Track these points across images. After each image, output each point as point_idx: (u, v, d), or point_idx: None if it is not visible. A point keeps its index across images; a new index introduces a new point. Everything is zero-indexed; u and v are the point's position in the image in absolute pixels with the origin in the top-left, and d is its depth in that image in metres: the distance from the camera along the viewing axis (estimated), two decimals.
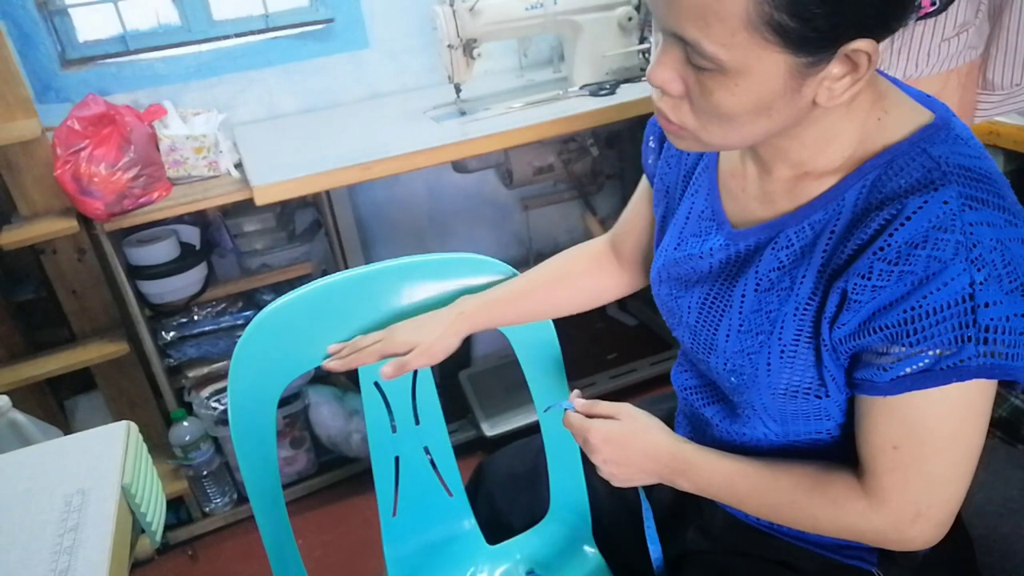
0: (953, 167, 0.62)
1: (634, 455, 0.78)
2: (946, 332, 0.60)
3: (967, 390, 0.62)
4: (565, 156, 2.15)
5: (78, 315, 1.75)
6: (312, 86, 2.03)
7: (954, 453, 0.65)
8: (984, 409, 0.65)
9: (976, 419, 0.65)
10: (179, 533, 1.87)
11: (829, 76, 0.60)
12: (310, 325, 0.97)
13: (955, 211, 0.60)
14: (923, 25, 1.06)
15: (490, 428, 1.98)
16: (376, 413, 1.03)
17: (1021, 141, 1.41)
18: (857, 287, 0.63)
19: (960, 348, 0.60)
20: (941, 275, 0.59)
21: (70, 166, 1.49)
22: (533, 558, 1.08)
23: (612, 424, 0.79)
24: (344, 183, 1.60)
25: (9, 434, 1.17)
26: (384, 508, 1.07)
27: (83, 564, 0.67)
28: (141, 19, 1.89)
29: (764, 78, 0.59)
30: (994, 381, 0.63)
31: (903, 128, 0.66)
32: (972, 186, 0.61)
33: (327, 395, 1.95)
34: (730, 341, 0.75)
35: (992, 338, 0.59)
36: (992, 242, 0.60)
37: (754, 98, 0.60)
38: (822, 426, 0.74)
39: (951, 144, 0.64)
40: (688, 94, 0.63)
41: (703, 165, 0.81)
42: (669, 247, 0.84)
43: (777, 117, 0.62)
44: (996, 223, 0.60)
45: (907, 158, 0.64)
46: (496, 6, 1.71)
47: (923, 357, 0.61)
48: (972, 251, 0.59)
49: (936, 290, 0.59)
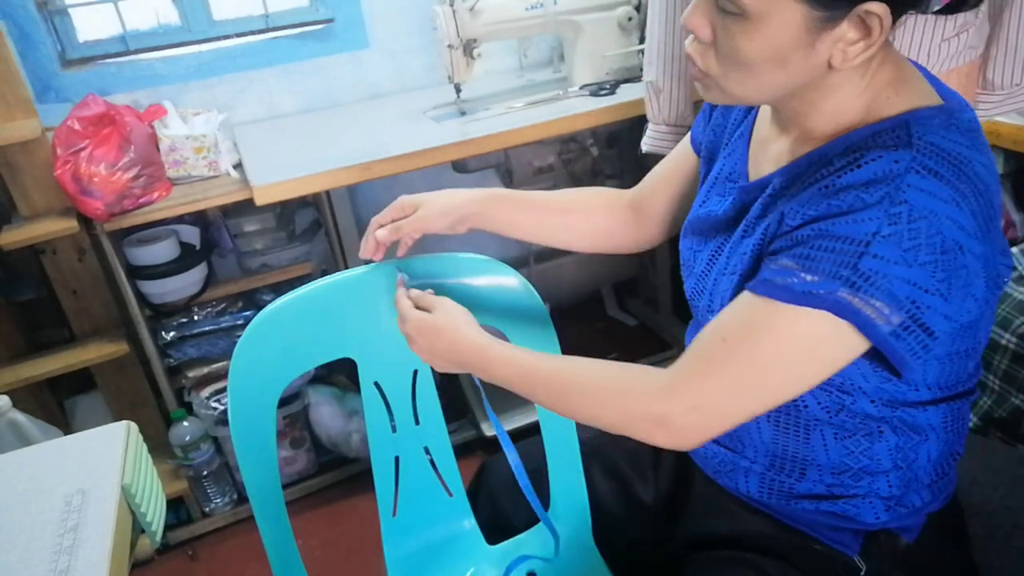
0: (925, 142, 0.63)
1: (441, 346, 0.83)
2: (828, 262, 0.62)
3: (816, 323, 0.63)
4: (565, 156, 2.14)
5: (78, 315, 1.75)
6: (312, 86, 2.03)
7: (768, 372, 0.66)
8: (822, 354, 0.65)
9: (809, 354, 0.65)
10: (179, 533, 1.87)
11: (843, 39, 0.63)
12: (310, 325, 0.97)
13: (901, 171, 0.62)
14: (923, 25, 1.06)
15: (490, 428, 1.98)
16: (376, 413, 1.03)
17: (1021, 141, 1.42)
18: (791, 212, 0.67)
19: (829, 280, 0.62)
20: (857, 214, 0.62)
21: (70, 166, 1.49)
22: (533, 558, 1.08)
23: (426, 316, 0.85)
24: (344, 183, 1.60)
25: (9, 434, 1.17)
26: (384, 508, 1.07)
27: (83, 564, 0.67)
28: (141, 19, 1.89)
29: (781, 27, 0.63)
30: (846, 331, 0.63)
31: (904, 106, 0.68)
32: (933, 159, 0.62)
33: (327, 395, 1.95)
34: (717, 283, 0.79)
35: (861, 285, 0.61)
36: (922, 209, 0.61)
37: (771, 46, 0.64)
38: None
39: (942, 128, 0.65)
40: (715, 41, 0.67)
41: (740, 132, 0.84)
42: (696, 204, 0.87)
43: (793, 71, 0.66)
44: (938, 195, 0.61)
45: (890, 129, 0.66)
46: (496, 6, 1.71)
47: (797, 274, 0.63)
48: (895, 206, 0.61)
49: (844, 224, 0.62)
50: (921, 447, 0.77)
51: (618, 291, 2.59)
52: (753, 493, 0.85)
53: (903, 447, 0.76)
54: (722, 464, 0.87)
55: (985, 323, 0.72)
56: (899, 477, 0.78)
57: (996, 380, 1.27)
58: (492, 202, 0.96)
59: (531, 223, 0.99)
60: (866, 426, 0.75)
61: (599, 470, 1.05)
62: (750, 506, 0.86)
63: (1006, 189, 1.57)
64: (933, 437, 0.77)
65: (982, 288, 0.65)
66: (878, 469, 0.77)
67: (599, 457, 1.05)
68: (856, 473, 0.78)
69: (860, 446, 0.76)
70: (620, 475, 1.03)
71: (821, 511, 0.80)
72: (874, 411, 0.74)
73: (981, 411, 1.30)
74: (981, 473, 1.02)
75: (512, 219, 0.98)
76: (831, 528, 0.81)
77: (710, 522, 0.90)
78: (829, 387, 0.73)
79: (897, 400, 0.73)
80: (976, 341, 0.73)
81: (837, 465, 0.78)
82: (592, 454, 1.05)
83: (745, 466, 0.84)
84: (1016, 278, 1.33)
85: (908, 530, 0.80)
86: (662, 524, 0.97)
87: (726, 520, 0.88)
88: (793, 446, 0.79)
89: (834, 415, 0.75)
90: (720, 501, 0.89)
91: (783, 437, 0.79)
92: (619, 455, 1.04)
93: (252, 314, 1.77)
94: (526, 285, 1.03)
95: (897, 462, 0.77)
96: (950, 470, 0.82)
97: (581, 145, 2.16)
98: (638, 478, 1.02)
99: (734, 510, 0.87)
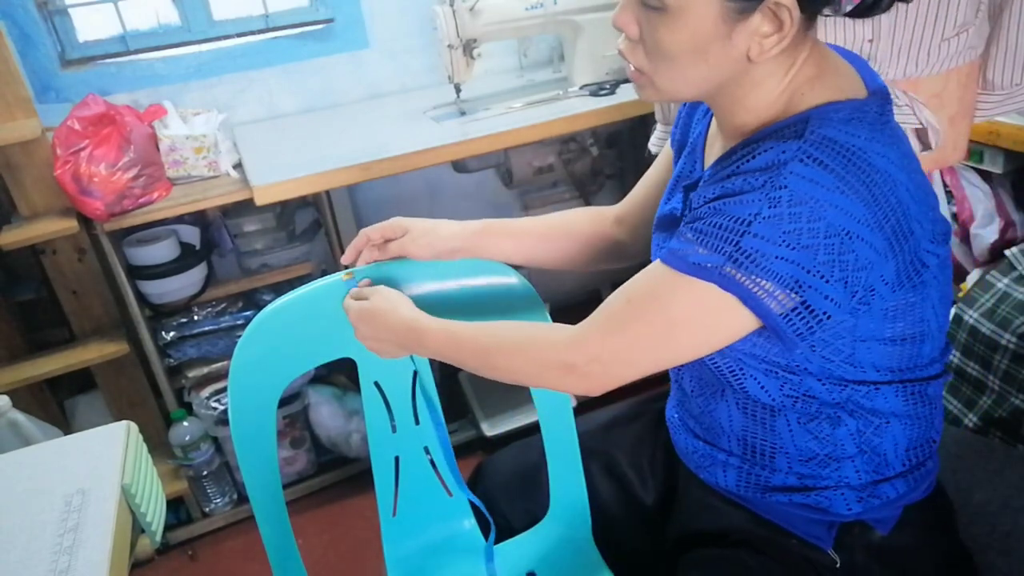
0: (817, 135, 0.67)
1: (381, 330, 0.89)
2: (715, 238, 0.68)
3: (705, 293, 0.68)
4: (565, 156, 2.14)
5: (78, 315, 1.75)
6: (312, 86, 2.03)
7: (663, 334, 0.72)
8: (710, 323, 0.70)
9: (699, 322, 0.71)
10: (179, 533, 1.86)
11: (758, 32, 0.67)
12: (310, 325, 0.97)
13: (785, 160, 0.66)
14: (923, 25, 1.06)
15: (490, 428, 1.98)
16: (376, 413, 1.03)
17: (1021, 141, 1.41)
18: (697, 198, 0.74)
19: (715, 255, 0.67)
20: (743, 196, 0.67)
21: (70, 166, 1.49)
22: (533, 558, 1.08)
23: (364, 303, 0.90)
24: (344, 183, 1.60)
25: (9, 434, 1.17)
26: (384, 508, 1.07)
27: (83, 564, 0.67)
28: (141, 19, 1.89)
29: (699, 19, 0.67)
30: (732, 303, 0.68)
31: (816, 101, 0.71)
32: (821, 149, 0.66)
33: (327, 395, 1.95)
34: None
35: (743, 262, 0.66)
36: (803, 195, 0.64)
37: (691, 38, 0.68)
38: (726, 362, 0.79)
39: (841, 123, 0.68)
40: (642, 37, 0.72)
41: (698, 132, 0.88)
42: (662, 202, 0.91)
43: (714, 63, 0.70)
44: (820, 183, 0.65)
45: (791, 124, 0.69)
46: (496, 6, 1.71)
47: (692, 246, 0.69)
48: (776, 191, 0.65)
49: (732, 204, 0.67)
50: (885, 431, 0.79)
51: None
52: (731, 487, 0.87)
53: (864, 430, 0.79)
54: (702, 459, 0.89)
55: (932, 306, 0.75)
56: (866, 463, 0.80)
57: (996, 380, 1.27)
58: (477, 237, 0.99)
59: (518, 253, 1.02)
60: (824, 411, 0.78)
61: (599, 469, 1.05)
62: (731, 501, 0.88)
63: (1006, 189, 1.57)
64: (896, 422, 0.79)
65: (892, 273, 0.69)
66: (843, 455, 0.79)
67: (600, 456, 1.05)
68: (823, 460, 0.80)
69: (823, 431, 0.79)
70: (620, 475, 1.03)
71: (795, 503, 0.82)
72: (825, 392, 0.77)
73: (981, 411, 1.30)
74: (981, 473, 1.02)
75: (499, 250, 1.01)
76: (805, 521, 0.82)
77: (698, 518, 0.91)
78: (775, 367, 0.76)
79: (845, 379, 0.76)
80: (925, 324, 0.75)
81: (804, 451, 0.80)
82: (593, 453, 1.06)
83: (722, 459, 0.87)
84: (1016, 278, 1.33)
85: (882, 522, 0.81)
86: (659, 523, 0.98)
87: (711, 516, 0.90)
88: (761, 433, 0.82)
89: (792, 401, 0.78)
90: (705, 497, 0.91)
91: (751, 424, 0.82)
92: (620, 454, 1.04)
93: (252, 314, 1.77)
94: (525, 285, 1.03)
95: (861, 446, 0.79)
96: (927, 460, 0.83)
97: (581, 145, 2.16)
98: (638, 478, 1.02)
99: (717, 506, 0.89)
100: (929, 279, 0.73)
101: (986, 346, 1.27)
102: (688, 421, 0.92)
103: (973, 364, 1.31)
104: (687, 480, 0.94)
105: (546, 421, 1.06)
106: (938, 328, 0.78)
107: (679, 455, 0.95)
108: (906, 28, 1.06)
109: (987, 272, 1.40)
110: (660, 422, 1.03)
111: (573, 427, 1.06)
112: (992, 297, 1.33)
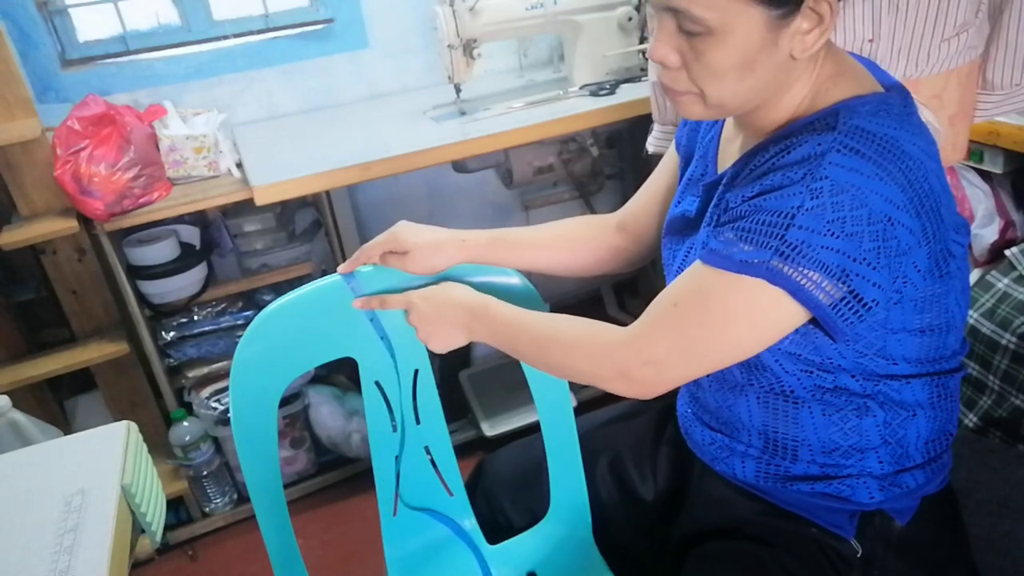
0: (850, 125, 0.68)
1: (444, 306, 0.89)
2: (759, 234, 0.68)
3: (754, 290, 0.68)
4: (565, 156, 2.14)
5: (78, 315, 1.75)
6: (312, 86, 2.03)
7: (714, 334, 0.72)
8: (761, 320, 0.70)
9: (750, 319, 0.70)
10: (179, 533, 1.86)
11: (799, 31, 0.68)
12: (310, 325, 0.97)
13: (823, 151, 0.67)
14: (923, 25, 1.06)
15: (490, 428, 1.98)
16: (376, 413, 1.03)
17: (1021, 141, 1.41)
18: (734, 198, 0.73)
19: (762, 250, 0.67)
20: (784, 190, 0.67)
21: (70, 166, 1.49)
22: (533, 558, 1.08)
23: (427, 288, 0.92)
24: (344, 183, 1.60)
25: (9, 434, 1.17)
26: (384, 508, 1.07)
27: (83, 564, 0.67)
28: (141, 19, 1.89)
29: (745, 33, 0.67)
30: (781, 298, 0.68)
31: (839, 96, 0.72)
32: (856, 139, 0.67)
33: (327, 395, 1.95)
34: None
35: (789, 255, 0.66)
36: (844, 184, 0.65)
37: (739, 53, 0.68)
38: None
39: (870, 114, 0.69)
40: (684, 63, 0.71)
41: (711, 136, 0.88)
42: (673, 204, 0.91)
43: (761, 71, 0.70)
44: (860, 171, 0.65)
45: (821, 117, 0.71)
46: (496, 6, 1.71)
47: (737, 245, 0.69)
48: (816, 182, 0.66)
49: (774, 199, 0.68)
50: (910, 423, 0.79)
51: (618, 291, 2.59)
52: (750, 478, 0.86)
53: (891, 422, 0.79)
54: (719, 450, 0.89)
55: (955, 298, 0.76)
56: (889, 453, 0.80)
57: (996, 380, 1.26)
58: (479, 251, 0.99)
59: (521, 263, 1.02)
60: (853, 402, 0.78)
61: (600, 469, 1.05)
62: (747, 492, 0.88)
63: (1006, 189, 1.57)
64: (921, 414, 0.79)
65: (924, 260, 0.69)
66: (868, 445, 0.79)
67: (603, 452, 1.05)
68: (847, 451, 0.80)
69: (849, 422, 0.79)
70: (621, 474, 1.03)
71: (816, 492, 0.82)
72: (857, 387, 0.77)
73: (981, 411, 1.30)
74: (981, 473, 1.03)
75: (500, 263, 1.01)
76: (827, 510, 0.82)
77: (708, 513, 0.91)
78: (809, 367, 0.76)
79: (877, 374, 0.76)
80: (950, 315, 0.76)
81: (827, 443, 0.80)
82: (593, 452, 1.06)
83: (741, 451, 0.86)
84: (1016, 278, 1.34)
85: (901, 512, 0.81)
86: (662, 521, 0.98)
87: (724, 510, 0.89)
88: (783, 427, 0.81)
89: (820, 394, 0.78)
90: (718, 490, 0.90)
91: (773, 419, 0.82)
92: (621, 452, 1.04)
93: (252, 314, 1.77)
94: (527, 284, 1.03)
95: (886, 437, 0.79)
96: (944, 452, 0.83)
97: (581, 145, 2.16)
98: (639, 476, 1.02)
99: (732, 498, 0.89)
100: (954, 269, 0.74)
101: (986, 346, 1.27)
102: (703, 415, 0.91)
103: (973, 364, 1.31)
104: (700, 474, 0.93)
105: (546, 421, 1.06)
106: (961, 319, 0.79)
107: (692, 448, 0.95)
108: (906, 28, 1.06)
109: (987, 272, 1.40)
110: (662, 419, 1.03)
111: (573, 427, 1.06)
112: (992, 297, 1.33)
